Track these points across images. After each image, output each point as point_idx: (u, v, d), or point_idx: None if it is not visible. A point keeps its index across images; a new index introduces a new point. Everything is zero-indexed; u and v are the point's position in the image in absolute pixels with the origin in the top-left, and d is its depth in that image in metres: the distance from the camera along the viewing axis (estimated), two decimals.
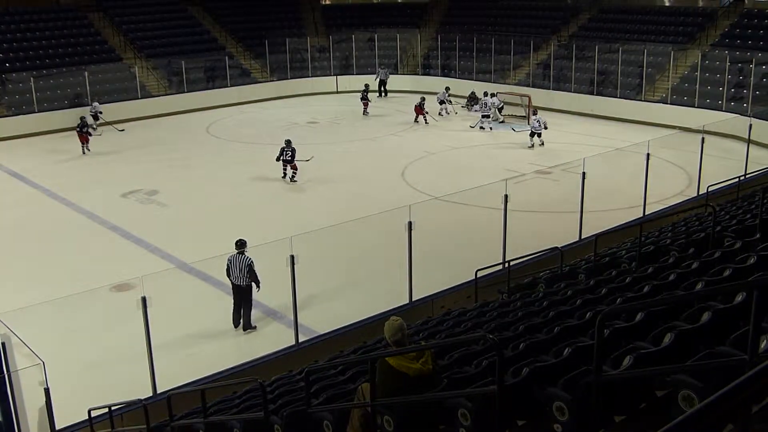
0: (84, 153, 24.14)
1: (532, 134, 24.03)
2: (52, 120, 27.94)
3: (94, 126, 26.88)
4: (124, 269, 13.81)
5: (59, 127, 27.41)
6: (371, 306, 11.57)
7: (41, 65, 30.31)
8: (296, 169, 20.56)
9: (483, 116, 26.88)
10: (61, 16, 33.35)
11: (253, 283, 11.75)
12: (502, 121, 27.81)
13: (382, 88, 33.87)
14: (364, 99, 29.94)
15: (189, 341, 11.67)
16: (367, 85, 30.47)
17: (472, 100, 29.90)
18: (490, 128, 26.63)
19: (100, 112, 27.99)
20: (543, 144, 23.96)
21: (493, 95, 28.16)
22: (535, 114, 24.59)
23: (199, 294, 13.38)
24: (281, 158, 20.55)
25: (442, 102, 29.00)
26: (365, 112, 29.80)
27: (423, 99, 28.15)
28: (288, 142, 20.72)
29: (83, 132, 24.34)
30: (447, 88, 29.93)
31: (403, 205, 12.10)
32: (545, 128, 23.84)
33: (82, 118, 24.98)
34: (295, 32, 36.79)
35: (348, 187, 20.29)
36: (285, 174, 20.81)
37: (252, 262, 11.65)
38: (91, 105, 28.31)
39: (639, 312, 5.29)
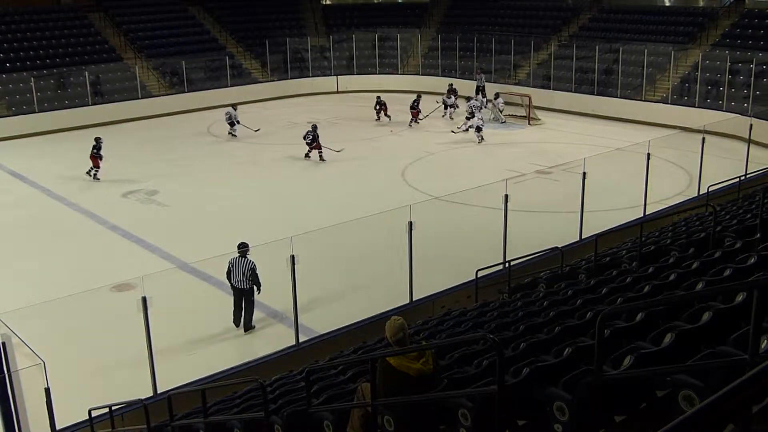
0: (93, 178, 21.05)
1: (478, 129, 24.51)
2: (52, 120, 27.93)
3: (234, 133, 26.10)
4: (124, 269, 13.81)
5: (60, 127, 27.46)
6: (372, 306, 11.57)
7: (41, 65, 30.31)
8: (321, 150, 22.70)
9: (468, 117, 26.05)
10: (61, 16, 33.36)
11: (254, 286, 11.75)
12: (503, 122, 27.75)
13: (481, 95, 30.88)
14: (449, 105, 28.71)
15: (189, 341, 11.67)
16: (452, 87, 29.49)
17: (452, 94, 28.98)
18: (468, 128, 25.72)
19: (238, 121, 26.14)
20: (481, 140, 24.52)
21: (497, 96, 28.07)
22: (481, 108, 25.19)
23: (199, 294, 13.38)
24: (304, 139, 22.87)
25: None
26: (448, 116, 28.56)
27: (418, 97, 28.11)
28: (314, 127, 22.90)
29: (96, 155, 21.08)
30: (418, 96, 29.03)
31: (403, 205, 12.09)
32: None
33: (98, 139, 21.40)
34: (295, 32, 36.78)
35: (348, 187, 20.28)
36: (307, 154, 22.93)
37: (255, 266, 11.63)
38: (229, 113, 26.15)
39: (639, 312, 5.29)
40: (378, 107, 28.44)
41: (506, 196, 12.81)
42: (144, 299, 9.35)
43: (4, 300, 11.99)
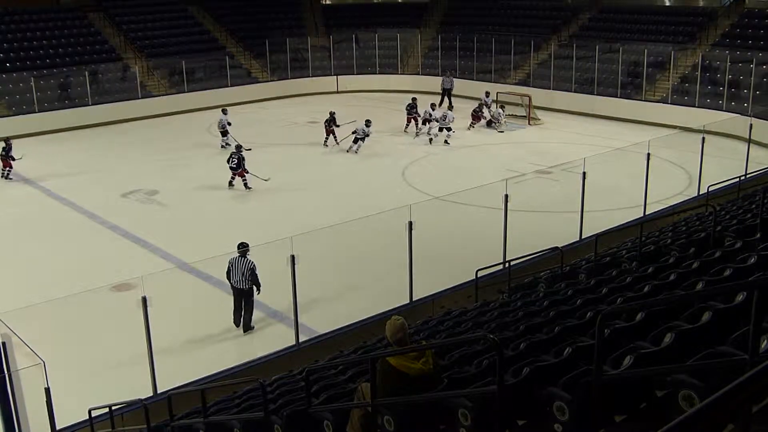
0: (5, 178, 21.47)
1: (441, 129, 24.57)
2: (52, 120, 27.92)
3: (225, 142, 23.69)
4: (124, 269, 13.83)
5: (60, 127, 27.47)
6: (372, 306, 11.58)
7: (41, 65, 30.30)
8: (245, 176, 19.58)
9: (440, 129, 24.89)
10: (61, 16, 33.35)
11: (254, 286, 11.74)
12: (502, 131, 27.30)
13: (446, 97, 30.28)
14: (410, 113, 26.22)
15: (189, 341, 11.67)
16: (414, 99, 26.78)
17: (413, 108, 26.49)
18: (430, 139, 24.90)
19: (229, 123, 24.21)
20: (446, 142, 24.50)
21: (492, 104, 27.82)
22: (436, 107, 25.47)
23: (199, 294, 13.38)
24: (228, 163, 19.64)
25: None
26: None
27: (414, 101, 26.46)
28: (239, 148, 19.95)
29: (6, 157, 21.53)
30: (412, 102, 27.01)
31: (403, 205, 12.10)
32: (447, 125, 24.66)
33: (6, 140, 21.95)
34: (295, 32, 36.76)
35: (348, 187, 20.28)
36: (231, 182, 19.83)
37: (255, 266, 11.62)
38: (221, 118, 24.35)
39: (639, 312, 5.29)
40: (328, 125, 24.46)
41: (506, 196, 12.82)
42: (144, 299, 9.35)
43: (4, 300, 11.99)
